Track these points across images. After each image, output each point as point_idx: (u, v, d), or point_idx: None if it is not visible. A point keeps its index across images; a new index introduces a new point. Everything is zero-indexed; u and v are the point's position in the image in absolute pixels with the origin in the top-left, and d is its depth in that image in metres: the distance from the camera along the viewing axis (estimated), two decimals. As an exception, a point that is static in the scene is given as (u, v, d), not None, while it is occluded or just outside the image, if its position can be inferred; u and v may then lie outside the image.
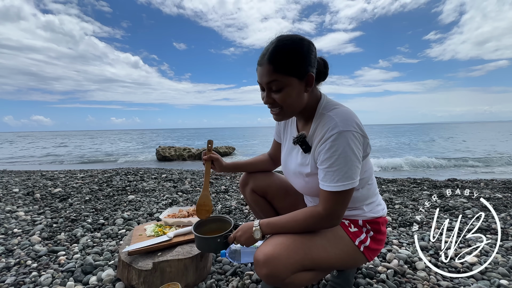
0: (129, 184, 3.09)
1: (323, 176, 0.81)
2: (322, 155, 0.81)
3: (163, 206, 2.31)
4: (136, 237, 1.32)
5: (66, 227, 1.90)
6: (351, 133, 0.78)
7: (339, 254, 0.88)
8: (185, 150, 10.76)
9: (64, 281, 1.23)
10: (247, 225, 0.90)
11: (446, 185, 2.97)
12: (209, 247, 1.00)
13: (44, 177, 3.67)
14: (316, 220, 0.82)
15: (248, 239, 0.88)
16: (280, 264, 0.77)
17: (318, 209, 0.82)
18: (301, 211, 0.85)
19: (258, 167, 1.21)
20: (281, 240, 0.82)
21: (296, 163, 0.96)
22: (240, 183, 1.26)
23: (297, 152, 0.96)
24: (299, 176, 0.94)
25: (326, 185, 0.80)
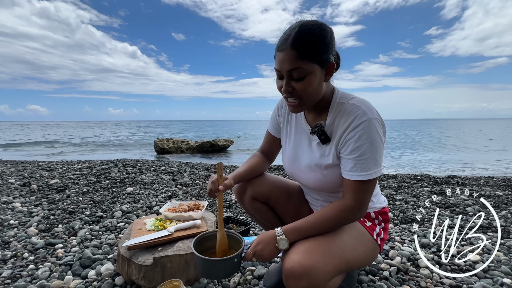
0: (127, 176, 3.05)
1: (351, 166, 0.78)
2: (351, 144, 0.78)
3: (162, 199, 2.29)
4: (136, 231, 1.30)
5: (64, 219, 1.87)
6: (376, 120, 0.78)
7: (365, 252, 0.86)
8: (183, 143, 10.70)
9: (62, 274, 1.21)
10: (268, 236, 0.80)
11: (447, 182, 2.97)
12: (222, 271, 0.78)
13: (41, 168, 3.62)
14: (349, 213, 0.79)
15: (272, 252, 0.78)
16: (320, 274, 0.71)
17: (347, 201, 0.79)
18: (329, 208, 0.81)
19: (257, 171, 1.09)
20: (313, 245, 0.76)
21: (311, 156, 0.91)
22: (236, 192, 1.13)
23: (311, 144, 0.92)
24: (316, 169, 0.90)
25: (356, 175, 0.77)
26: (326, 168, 0.88)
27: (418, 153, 9.58)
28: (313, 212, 1.10)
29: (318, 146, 0.90)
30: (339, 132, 0.83)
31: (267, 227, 1.18)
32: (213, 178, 0.92)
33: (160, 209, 1.45)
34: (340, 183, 0.88)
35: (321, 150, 0.89)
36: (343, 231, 0.85)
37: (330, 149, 0.86)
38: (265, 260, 0.80)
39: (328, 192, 0.98)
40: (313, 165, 0.91)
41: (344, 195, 0.81)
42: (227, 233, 0.93)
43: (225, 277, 0.92)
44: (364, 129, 0.77)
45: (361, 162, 0.77)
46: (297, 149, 0.98)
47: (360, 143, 0.77)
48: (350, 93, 0.89)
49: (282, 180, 1.15)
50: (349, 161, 0.79)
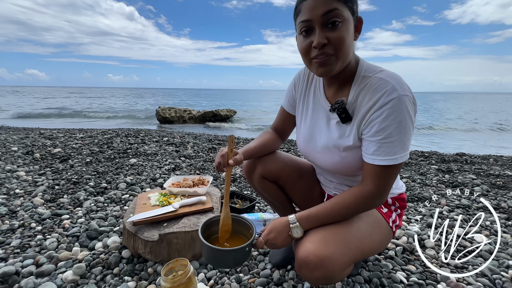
0: (130, 146, 3.02)
1: (375, 149, 0.70)
2: (377, 125, 0.70)
3: (166, 171, 2.27)
4: (140, 205, 1.28)
5: (69, 189, 1.87)
6: (408, 98, 0.68)
7: (381, 240, 0.83)
8: (185, 112, 10.55)
9: (70, 246, 1.22)
10: (280, 223, 0.76)
11: (455, 160, 2.91)
12: (231, 260, 0.75)
13: (43, 136, 3.58)
14: (368, 201, 0.73)
15: (285, 240, 0.75)
16: (336, 264, 0.68)
17: (368, 187, 0.73)
18: (347, 195, 0.75)
19: (268, 149, 1.02)
20: (329, 234, 0.72)
21: (329, 136, 0.83)
22: (245, 170, 1.07)
23: (330, 123, 0.83)
24: (334, 151, 0.83)
25: (379, 159, 0.70)
26: (345, 150, 0.80)
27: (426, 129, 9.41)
28: (325, 194, 1.06)
29: (338, 125, 0.81)
30: (362, 110, 0.74)
31: (275, 206, 1.15)
32: (222, 151, 0.84)
33: (164, 182, 1.42)
34: (359, 167, 0.81)
35: (341, 130, 0.80)
36: (360, 219, 0.81)
37: (351, 129, 0.77)
38: (277, 248, 0.77)
39: (344, 175, 0.91)
40: (330, 146, 0.83)
41: (364, 180, 0.74)
42: (237, 218, 0.88)
43: (234, 266, 0.90)
44: (393, 107, 0.67)
45: (386, 145, 0.69)
46: (314, 128, 0.89)
47: (386, 123, 0.68)
48: (377, 65, 0.77)
49: (294, 159, 1.08)
50: (372, 144, 0.71)
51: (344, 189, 0.95)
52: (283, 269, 1.09)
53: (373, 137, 0.71)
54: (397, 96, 0.67)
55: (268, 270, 1.08)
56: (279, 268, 1.09)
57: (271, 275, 1.05)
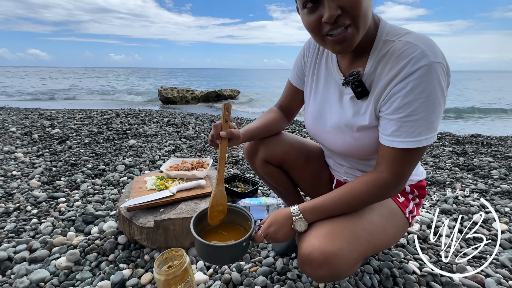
0: (129, 127, 2.93)
1: (395, 129, 0.59)
2: (399, 100, 0.58)
3: (166, 153, 2.19)
4: (136, 190, 1.21)
5: (66, 171, 1.81)
6: (441, 66, 0.56)
7: (395, 233, 0.74)
8: (188, 92, 10.32)
9: (65, 230, 1.17)
10: (281, 216, 0.67)
11: (470, 141, 2.75)
12: (227, 256, 0.67)
13: (42, 117, 3.52)
14: (383, 191, 0.63)
15: (287, 234, 0.67)
16: (343, 262, 0.60)
17: (383, 175, 0.62)
18: (358, 183, 0.64)
19: (272, 130, 0.91)
20: (337, 228, 0.63)
21: (341, 114, 0.72)
22: (246, 153, 0.97)
23: (343, 98, 0.71)
24: (346, 131, 0.71)
25: (399, 141, 0.59)
26: (359, 130, 0.69)
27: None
28: (334, 179, 0.96)
29: (352, 101, 0.69)
30: (382, 82, 0.61)
31: (280, 192, 1.06)
32: (216, 123, 0.74)
33: (162, 166, 1.34)
34: (374, 150, 0.70)
35: (355, 107, 0.68)
36: (373, 210, 0.71)
37: (368, 106, 0.65)
38: (278, 242, 0.69)
39: (357, 159, 0.80)
40: (342, 126, 0.72)
41: (379, 166, 0.63)
42: (235, 208, 0.79)
43: (231, 262, 0.84)
44: (421, 78, 0.55)
45: (409, 124, 0.57)
46: (324, 105, 0.77)
47: (411, 98, 0.56)
48: (402, 27, 0.63)
49: (300, 141, 0.97)
50: (392, 123, 0.60)
51: (356, 174, 0.85)
52: (287, 257, 1.03)
53: (393, 115, 0.59)
54: (427, 63, 0.54)
55: (271, 258, 1.02)
56: (283, 256, 1.03)
57: (274, 264, 0.99)
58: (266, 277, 0.92)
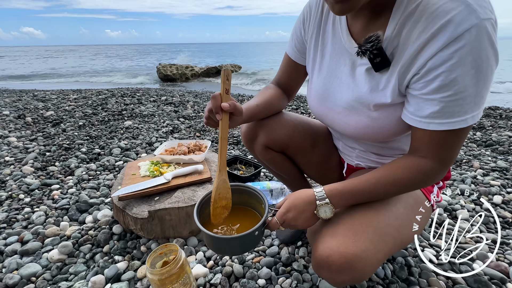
0: (125, 107, 2.80)
1: (436, 110, 0.47)
2: (443, 76, 0.44)
3: (164, 134, 2.09)
4: (129, 176, 1.12)
5: (60, 156, 1.74)
6: (491, 23, 0.42)
7: (422, 224, 0.65)
8: (187, 68, 9.95)
9: (58, 220, 1.11)
10: (302, 199, 0.56)
11: (488, 115, 2.57)
12: (238, 248, 0.60)
13: (36, 98, 3.39)
14: (428, 178, 0.53)
15: (308, 221, 0.56)
16: (368, 265, 0.52)
17: (427, 160, 0.51)
18: (398, 167, 0.53)
19: (273, 107, 0.78)
20: (359, 225, 0.54)
21: (354, 90, 0.59)
22: (244, 138, 0.83)
23: (356, 71, 0.58)
24: (360, 110, 0.59)
25: (439, 123, 0.47)
26: (378, 109, 0.56)
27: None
28: (344, 163, 0.85)
29: (368, 74, 0.56)
30: (410, 50, 0.47)
31: (284, 179, 0.96)
32: (215, 94, 0.57)
33: (155, 150, 1.23)
34: (397, 131, 0.58)
35: (372, 82, 0.55)
36: (398, 200, 0.61)
37: (389, 79, 0.52)
38: (297, 229, 0.59)
39: (372, 142, 0.69)
40: (356, 104, 0.59)
41: (420, 150, 0.52)
42: (246, 188, 0.68)
43: (242, 253, 0.75)
44: (470, 44, 0.42)
45: (454, 104, 0.45)
46: (332, 80, 0.64)
47: (459, 72, 0.43)
48: None
49: (305, 121, 0.84)
50: (432, 103, 0.47)
51: (370, 157, 0.73)
52: (293, 245, 0.96)
53: (435, 94, 0.46)
54: (476, 23, 0.41)
55: (276, 247, 0.95)
56: (288, 245, 0.96)
57: (279, 253, 0.93)
58: (270, 269, 0.86)
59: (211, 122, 0.61)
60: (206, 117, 0.61)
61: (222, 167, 0.61)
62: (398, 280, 0.82)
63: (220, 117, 0.56)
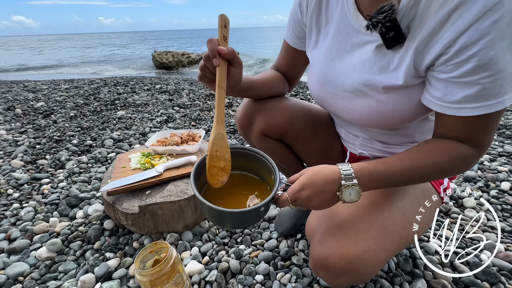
0: (118, 97, 2.70)
1: (470, 94, 0.41)
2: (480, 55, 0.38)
3: (158, 123, 2.01)
4: (119, 169, 1.06)
5: (50, 148, 1.67)
6: None
7: (429, 219, 0.60)
8: (183, 56, 9.66)
9: (48, 216, 1.07)
10: (323, 177, 0.45)
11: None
12: (239, 223, 0.56)
13: (26, 89, 3.28)
14: (466, 163, 0.47)
15: (327, 202, 0.47)
16: (370, 266, 0.47)
17: (464, 145, 0.46)
18: (435, 150, 0.47)
19: (273, 87, 0.70)
20: (361, 222, 0.49)
21: (361, 72, 0.52)
22: (239, 124, 0.76)
23: (363, 49, 0.51)
24: (368, 94, 0.52)
25: (472, 107, 0.41)
26: (388, 91, 0.50)
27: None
28: (346, 151, 0.79)
29: (378, 52, 0.49)
30: (431, 23, 0.40)
31: (283, 169, 0.90)
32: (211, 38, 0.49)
33: (147, 141, 1.17)
34: (408, 117, 0.52)
35: (383, 60, 0.48)
36: (405, 194, 0.56)
37: (403, 58, 0.45)
38: (312, 209, 0.49)
39: (380, 129, 0.62)
40: (362, 87, 0.52)
41: (451, 137, 0.47)
42: (254, 154, 0.58)
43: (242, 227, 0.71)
44: (507, 15, 0.35)
45: (493, 85, 0.39)
46: (335, 61, 0.57)
47: (498, 48, 0.37)
48: None
49: (306, 107, 0.77)
50: (465, 86, 0.41)
51: (375, 146, 0.67)
52: (292, 238, 0.92)
53: (470, 77, 0.39)
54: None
55: (274, 240, 0.91)
56: (287, 238, 0.92)
57: (278, 247, 0.89)
58: (268, 264, 0.82)
59: (206, 74, 0.51)
60: (201, 67, 0.51)
61: (219, 119, 0.52)
62: (403, 273, 0.78)
63: (218, 63, 0.48)
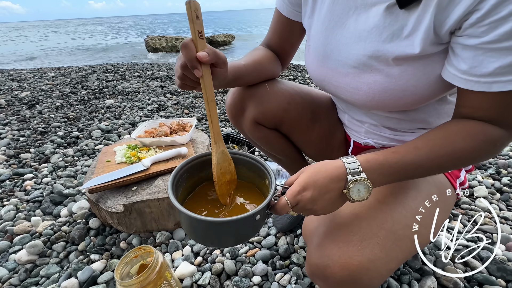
0: (107, 84, 2.56)
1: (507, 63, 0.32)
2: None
3: (148, 112, 1.90)
4: (102, 164, 0.98)
5: (35, 141, 1.58)
6: None
7: (444, 218, 0.52)
8: (177, 40, 9.31)
9: (30, 214, 1.00)
10: (325, 173, 0.38)
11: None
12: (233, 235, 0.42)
13: (11, 78, 3.11)
14: (495, 148, 0.39)
15: (333, 203, 0.39)
16: (376, 278, 0.40)
17: (493, 127, 0.38)
18: (456, 134, 0.39)
19: (264, 70, 0.60)
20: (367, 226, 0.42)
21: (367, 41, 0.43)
22: (229, 111, 0.67)
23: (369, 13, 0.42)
24: (375, 68, 0.44)
25: (507, 80, 0.33)
26: (400, 63, 0.41)
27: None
28: (350, 140, 0.70)
29: (388, 15, 0.39)
30: None
31: (280, 160, 0.82)
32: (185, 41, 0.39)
33: (132, 133, 1.07)
34: (424, 95, 0.44)
35: (395, 25, 0.39)
36: (419, 192, 0.48)
37: (420, 19, 0.37)
38: (316, 215, 0.41)
39: (389, 112, 0.54)
40: (369, 60, 0.44)
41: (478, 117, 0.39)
42: (242, 157, 0.51)
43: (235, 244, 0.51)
44: None
45: None
46: (336, 31, 0.47)
47: None
48: None
49: (304, 91, 0.68)
50: (501, 54, 0.32)
51: (383, 133, 0.59)
52: (291, 234, 0.86)
53: (506, 42, 0.31)
54: None
55: (273, 237, 0.84)
56: (286, 234, 0.86)
57: (276, 244, 0.82)
58: (266, 263, 0.76)
59: (187, 82, 0.44)
60: (179, 76, 0.43)
61: (217, 137, 0.47)
62: (411, 270, 0.73)
63: (200, 73, 0.40)
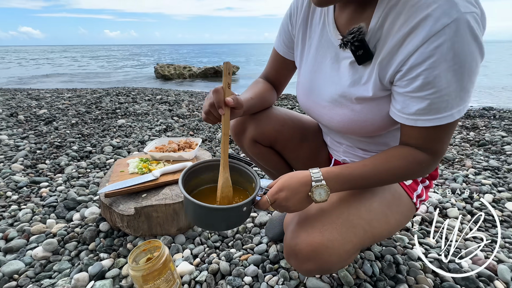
0: (119, 106, 2.78)
1: (422, 107, 0.47)
2: (425, 74, 0.44)
3: (157, 132, 2.07)
4: (117, 173, 1.11)
5: (51, 154, 1.72)
6: (473, 16, 0.42)
7: (399, 220, 0.65)
8: (185, 69, 9.95)
9: (45, 217, 1.10)
10: (297, 179, 0.53)
11: (481, 115, 2.58)
12: (223, 222, 0.56)
13: (30, 97, 3.36)
14: (423, 168, 0.53)
15: (301, 203, 0.53)
16: (334, 255, 0.53)
17: (420, 152, 0.52)
18: (394, 156, 0.53)
19: (266, 101, 0.77)
20: (328, 216, 0.56)
21: (338, 84, 0.59)
22: (233, 131, 0.83)
23: (340, 64, 0.58)
24: (343, 103, 0.59)
25: (426, 119, 0.48)
26: (360, 102, 0.56)
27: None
28: (332, 159, 0.84)
29: (352, 68, 0.55)
30: (392, 42, 0.47)
31: (273, 174, 0.95)
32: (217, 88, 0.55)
33: (145, 148, 1.22)
34: (381, 125, 0.58)
35: (356, 75, 0.55)
36: (374, 195, 0.61)
37: (371, 73, 0.52)
38: (288, 212, 0.56)
39: (359, 136, 0.69)
40: (339, 98, 0.59)
41: (412, 144, 0.53)
42: (235, 165, 0.66)
43: (226, 229, 0.67)
44: (451, 39, 0.41)
45: (440, 100, 0.45)
46: (317, 74, 0.64)
47: (442, 68, 0.43)
48: None
49: (295, 117, 0.84)
50: (417, 100, 0.47)
51: (357, 153, 0.73)
52: (281, 243, 0.95)
53: (419, 92, 0.46)
54: (456, 17, 0.40)
55: (264, 245, 0.94)
56: (277, 243, 0.95)
57: (267, 251, 0.92)
58: (257, 266, 0.85)
59: (210, 118, 0.59)
60: (206, 111, 0.58)
61: (225, 164, 0.60)
62: (386, 277, 0.81)
63: (223, 112, 0.55)
